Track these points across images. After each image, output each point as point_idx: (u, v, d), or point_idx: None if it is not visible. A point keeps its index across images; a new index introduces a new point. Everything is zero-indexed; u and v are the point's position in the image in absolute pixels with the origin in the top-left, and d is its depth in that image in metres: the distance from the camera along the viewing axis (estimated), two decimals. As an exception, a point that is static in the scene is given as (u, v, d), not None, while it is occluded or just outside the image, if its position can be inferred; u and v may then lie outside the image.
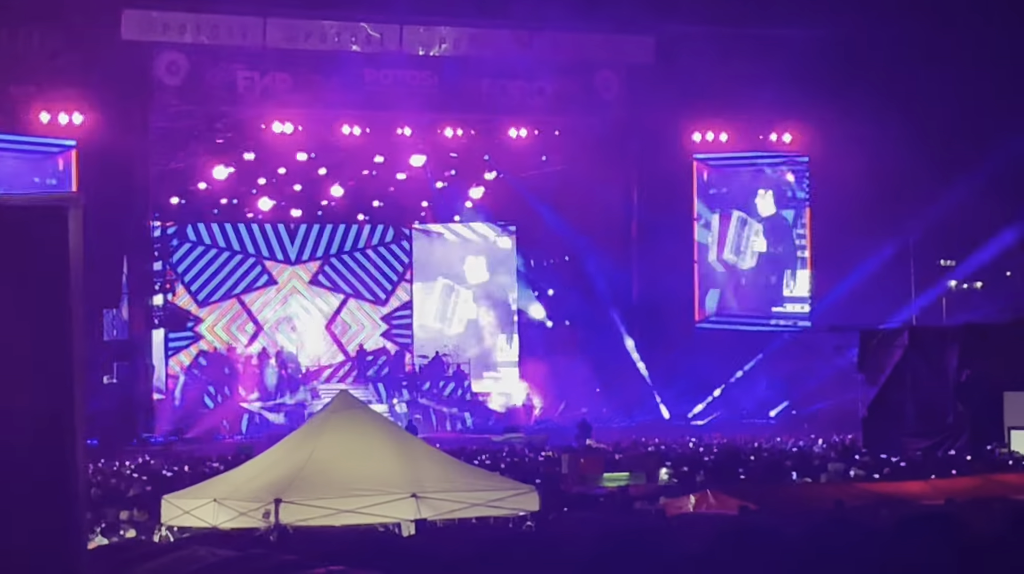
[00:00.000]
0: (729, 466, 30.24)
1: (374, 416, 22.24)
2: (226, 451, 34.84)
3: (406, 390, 48.16)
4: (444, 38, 44.19)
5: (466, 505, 19.04)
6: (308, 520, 18.40)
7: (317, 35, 43.00)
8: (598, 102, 46.50)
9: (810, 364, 45.18)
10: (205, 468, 29.29)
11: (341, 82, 43.37)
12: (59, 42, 40.54)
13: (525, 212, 50.39)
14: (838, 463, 29.15)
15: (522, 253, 51.20)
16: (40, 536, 7.86)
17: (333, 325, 50.50)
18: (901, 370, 36.06)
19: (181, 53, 42.07)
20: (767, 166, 49.01)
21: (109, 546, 16.22)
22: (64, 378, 7.91)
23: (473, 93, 45.30)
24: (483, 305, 51.51)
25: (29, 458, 7.84)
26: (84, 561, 8.14)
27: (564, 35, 45.14)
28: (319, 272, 50.39)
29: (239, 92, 43.16)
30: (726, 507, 19.82)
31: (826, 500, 19.84)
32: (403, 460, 19.54)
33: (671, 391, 46.53)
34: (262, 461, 21.03)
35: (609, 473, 28.46)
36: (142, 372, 42.61)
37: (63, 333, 7.97)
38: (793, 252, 48.97)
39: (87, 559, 8.31)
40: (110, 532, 20.37)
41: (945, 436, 34.24)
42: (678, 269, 47.30)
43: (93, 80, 40.69)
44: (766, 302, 48.91)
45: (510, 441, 39.74)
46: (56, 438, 7.89)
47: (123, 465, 31.96)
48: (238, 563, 11.56)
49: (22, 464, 7.82)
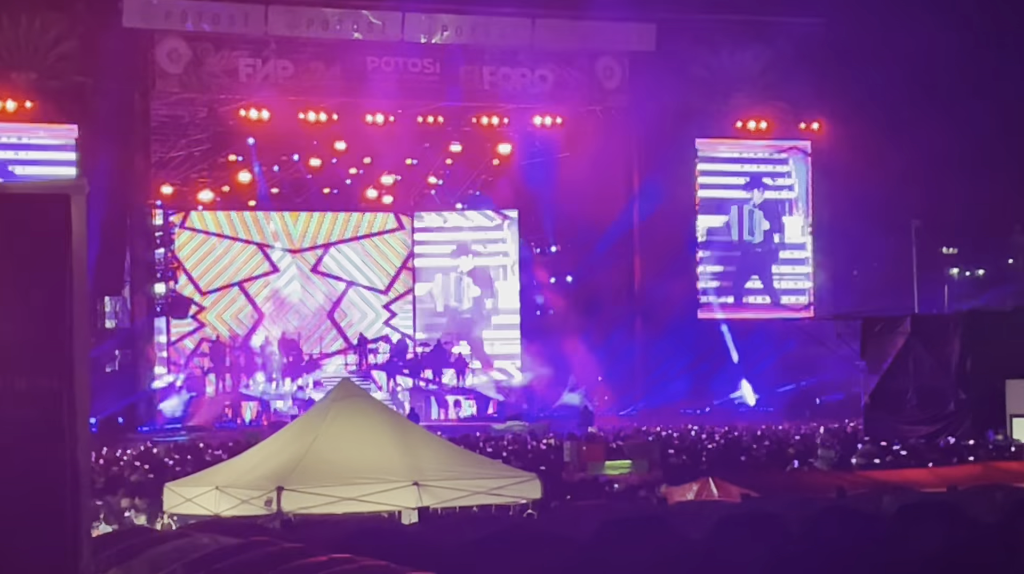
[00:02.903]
0: (731, 454, 30.26)
1: (376, 404, 22.25)
2: (228, 439, 34.82)
3: (408, 378, 48.17)
4: (446, 26, 44.13)
5: (468, 493, 19.04)
6: (310, 508, 18.41)
7: (319, 22, 42.95)
8: (600, 89, 46.48)
9: (812, 352, 45.15)
10: (207, 456, 29.28)
11: (343, 70, 43.34)
12: (61, 29, 40.55)
13: (527, 200, 50.37)
14: (829, 450, 29.17)
15: (524, 241, 51.16)
16: (42, 520, 7.87)
17: (335, 313, 50.51)
18: (903, 358, 36.07)
19: (182, 40, 42.03)
20: (769, 153, 48.97)
21: (112, 533, 16.21)
22: (65, 362, 7.92)
23: (475, 81, 45.26)
24: (485, 293, 51.49)
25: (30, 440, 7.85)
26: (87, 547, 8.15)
27: (566, 23, 45.10)
28: (321, 260, 50.38)
29: (241, 80, 43.11)
30: (728, 495, 19.80)
31: (828, 487, 19.81)
32: (405, 448, 19.54)
33: (673, 379, 46.49)
34: (264, 449, 21.05)
35: (611, 461, 28.44)
36: (144, 360, 42.62)
37: (65, 318, 7.98)
38: (795, 239, 48.94)
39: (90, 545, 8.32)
40: (112, 519, 20.39)
41: (947, 423, 34.25)
42: (680, 257, 47.25)
43: (95, 67, 40.67)
44: (768, 290, 48.89)
45: (512, 429, 39.73)
46: (56, 420, 7.90)
47: (124, 453, 31.95)
48: (240, 551, 11.56)
49: (23, 446, 7.83)
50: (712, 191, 48.59)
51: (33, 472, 7.88)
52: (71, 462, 7.96)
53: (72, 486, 7.99)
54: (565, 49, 45.50)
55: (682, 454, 30.10)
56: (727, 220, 48.61)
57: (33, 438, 7.87)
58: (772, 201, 48.91)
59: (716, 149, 48.65)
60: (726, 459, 29.11)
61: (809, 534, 14.07)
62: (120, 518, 20.77)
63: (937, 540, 13.37)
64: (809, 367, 45.82)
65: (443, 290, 51.66)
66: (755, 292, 48.84)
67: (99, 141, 40.58)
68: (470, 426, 41.67)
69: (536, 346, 49.88)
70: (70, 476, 7.97)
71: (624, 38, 45.94)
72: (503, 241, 51.41)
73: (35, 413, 7.88)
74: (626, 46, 46.14)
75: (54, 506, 7.92)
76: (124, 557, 11.85)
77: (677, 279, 46.68)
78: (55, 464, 7.93)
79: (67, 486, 7.96)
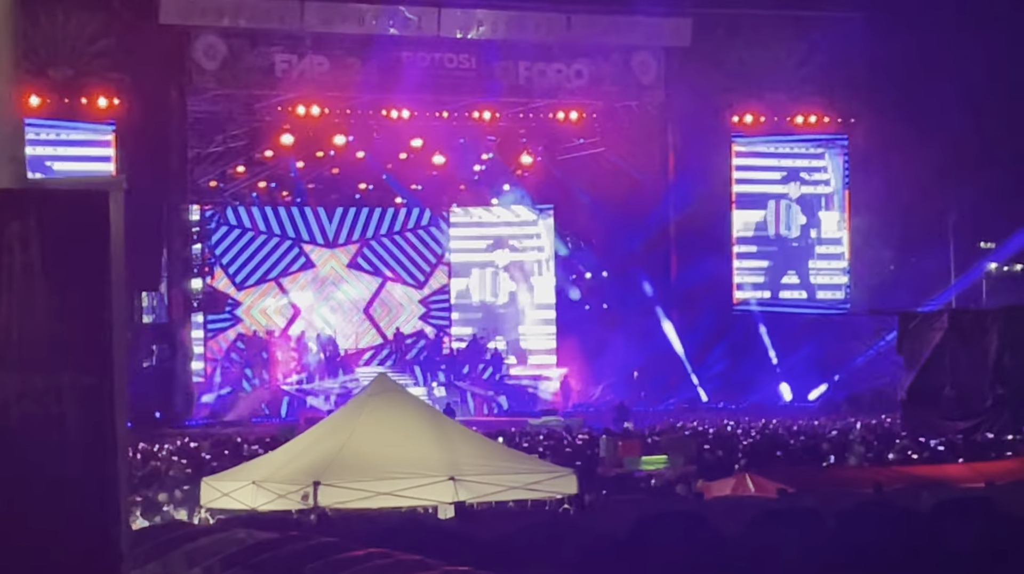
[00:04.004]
0: (767, 449, 30.17)
1: (412, 399, 22.26)
2: (264, 434, 34.93)
3: (444, 373, 48.22)
4: (482, 21, 44.12)
5: (504, 488, 19.05)
6: (346, 503, 18.44)
7: (354, 18, 42.99)
8: (635, 85, 46.38)
9: (849, 347, 45.00)
10: (244, 451, 29.38)
11: (378, 65, 43.39)
12: (97, 26, 40.71)
13: (563, 194, 50.37)
14: (860, 446, 29.06)
15: (560, 236, 51.15)
16: (82, 515, 7.92)
17: (371, 308, 50.61)
18: (940, 353, 35.87)
19: (219, 36, 42.12)
20: (805, 147, 48.79)
21: (150, 527, 16.30)
22: (106, 358, 7.96)
23: (511, 76, 45.24)
24: (521, 288, 51.50)
25: (71, 435, 7.90)
26: (125, 541, 8.20)
27: (601, 18, 45.04)
28: (357, 255, 50.50)
29: (276, 75, 43.20)
30: (764, 490, 19.74)
31: (865, 483, 19.74)
32: (441, 443, 19.56)
33: (709, 374, 46.41)
34: (300, 443, 21.11)
35: (647, 456, 28.41)
36: (181, 355, 42.77)
37: (105, 314, 8.02)
38: (832, 234, 48.77)
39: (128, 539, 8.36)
40: (150, 513, 20.49)
41: (984, 419, 34.06)
42: (716, 252, 47.12)
43: (132, 64, 40.83)
44: (805, 285, 48.73)
45: (547, 424, 39.73)
46: (97, 416, 7.95)
47: (162, 448, 32.08)
48: (277, 545, 11.60)
49: (64, 442, 7.88)
50: (748, 186, 48.43)
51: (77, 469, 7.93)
52: (113, 458, 8.01)
53: (114, 481, 8.04)
54: (600, 44, 45.43)
55: (718, 449, 30.02)
56: (764, 215, 48.47)
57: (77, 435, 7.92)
58: (808, 196, 48.73)
59: (752, 143, 48.49)
60: (762, 454, 29.01)
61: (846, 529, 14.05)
62: (158, 512, 20.86)
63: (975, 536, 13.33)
64: (845, 362, 45.66)
65: (479, 285, 51.70)
66: (791, 287, 48.68)
67: (136, 137, 40.76)
68: (505, 421, 41.68)
69: (572, 341, 49.86)
70: (112, 472, 8.01)
71: (659, 33, 45.85)
72: (538, 236, 51.42)
73: (78, 409, 7.93)
74: (661, 41, 46.05)
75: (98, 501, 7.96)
76: (162, 551, 11.90)
77: (713, 274, 46.57)
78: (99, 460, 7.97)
79: (110, 482, 8.01)
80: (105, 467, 7.96)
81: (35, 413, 7.84)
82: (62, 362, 7.88)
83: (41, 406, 7.85)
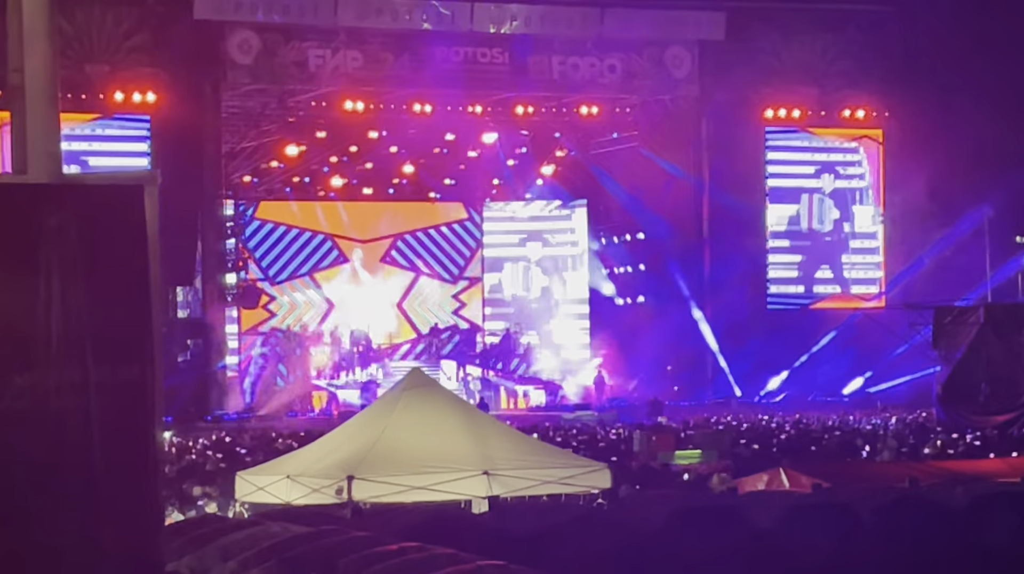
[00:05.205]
0: (801, 444, 30.12)
1: (445, 393, 22.30)
2: (299, 428, 35.02)
3: (477, 367, 48.26)
4: (515, 15, 44.10)
5: (538, 482, 19.06)
6: (380, 497, 18.49)
7: (388, 13, 43.03)
8: (669, 79, 46.27)
9: (884, 342, 44.82)
10: (278, 445, 29.47)
11: (412, 60, 43.41)
12: (132, 22, 40.88)
13: (596, 189, 50.34)
14: (892, 441, 29.00)
15: (593, 231, 51.10)
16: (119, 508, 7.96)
17: (404, 303, 50.68)
18: (976, 348, 35.76)
19: (253, 32, 42.20)
20: (840, 142, 48.62)
21: (185, 521, 16.37)
22: (145, 352, 8.01)
23: (544, 70, 45.19)
24: (554, 283, 51.50)
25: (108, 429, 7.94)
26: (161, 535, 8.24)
27: (634, 12, 44.95)
28: (390, 250, 50.56)
29: (310, 70, 43.25)
30: (799, 485, 19.72)
31: (900, 478, 19.68)
32: (475, 437, 19.57)
33: (743, 369, 46.25)
34: (334, 438, 21.15)
35: (681, 450, 28.40)
36: (215, 349, 42.91)
37: (142, 308, 8.06)
38: (866, 228, 48.59)
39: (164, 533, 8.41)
40: (185, 507, 20.58)
41: (1020, 413, 33.94)
42: (750, 246, 46.99)
43: (166, 59, 41.00)
44: (839, 279, 48.56)
45: (581, 418, 39.73)
46: (134, 410, 8.00)
47: (197, 441, 32.20)
48: (311, 539, 11.64)
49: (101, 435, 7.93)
50: (782, 180, 48.26)
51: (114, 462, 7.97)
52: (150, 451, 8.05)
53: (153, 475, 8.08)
54: (634, 38, 45.33)
55: (752, 444, 29.99)
56: (796, 209, 48.30)
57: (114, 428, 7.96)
58: (842, 190, 48.55)
59: (786, 137, 48.33)
60: (796, 449, 28.97)
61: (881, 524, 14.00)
62: (193, 506, 20.94)
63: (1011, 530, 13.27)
64: (880, 357, 45.47)
65: (512, 279, 51.72)
66: (825, 282, 48.51)
67: (171, 132, 40.92)
68: (539, 416, 41.70)
69: (605, 335, 49.83)
70: (152, 466, 8.06)
71: (693, 27, 45.74)
72: (572, 230, 51.40)
73: (115, 403, 7.97)
74: (695, 35, 45.94)
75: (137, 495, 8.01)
76: (197, 544, 11.96)
77: (747, 268, 46.43)
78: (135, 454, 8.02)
79: (149, 476, 8.05)
80: (148, 462, 8.01)
81: (72, 406, 7.89)
82: (99, 356, 7.92)
83: (78, 399, 7.89)
